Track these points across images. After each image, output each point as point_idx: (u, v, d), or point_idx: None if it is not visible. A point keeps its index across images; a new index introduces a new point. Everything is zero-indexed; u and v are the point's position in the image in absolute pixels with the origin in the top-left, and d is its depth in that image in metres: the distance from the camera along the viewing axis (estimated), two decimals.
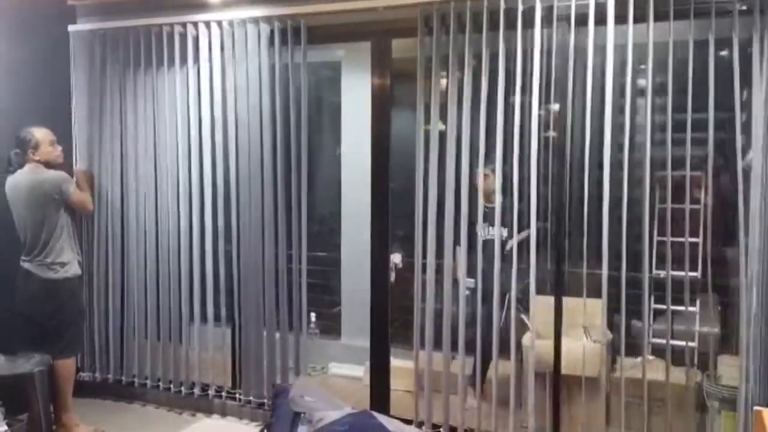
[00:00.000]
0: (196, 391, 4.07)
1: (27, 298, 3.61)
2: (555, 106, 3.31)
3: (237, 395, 3.98)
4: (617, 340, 3.28)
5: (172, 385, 4.11)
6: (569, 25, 3.11)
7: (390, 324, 3.73)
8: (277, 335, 3.87)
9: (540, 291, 3.32)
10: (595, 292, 3.19)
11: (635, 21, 2.99)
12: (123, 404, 4.17)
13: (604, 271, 3.15)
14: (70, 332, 3.72)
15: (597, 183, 3.17)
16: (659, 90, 3.12)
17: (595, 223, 3.17)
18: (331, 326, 5.02)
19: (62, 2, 4.05)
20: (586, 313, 3.28)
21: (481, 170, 3.44)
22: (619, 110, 3.21)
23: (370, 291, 3.71)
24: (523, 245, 3.33)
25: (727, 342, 3.56)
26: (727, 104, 2.93)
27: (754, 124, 2.90)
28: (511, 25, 3.21)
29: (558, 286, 3.33)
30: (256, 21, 3.69)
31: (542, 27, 3.17)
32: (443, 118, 3.42)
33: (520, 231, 3.30)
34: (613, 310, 3.26)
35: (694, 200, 3.06)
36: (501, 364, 3.39)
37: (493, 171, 3.49)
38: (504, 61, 3.22)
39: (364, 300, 3.77)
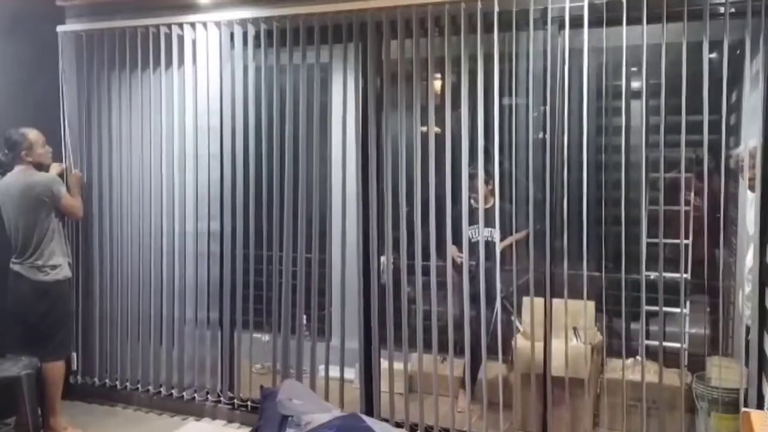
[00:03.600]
0: (185, 394, 4.04)
1: (16, 301, 3.59)
2: (547, 108, 3.29)
3: (226, 398, 3.98)
4: (615, 343, 3.26)
5: (162, 389, 4.08)
6: (563, 27, 3.10)
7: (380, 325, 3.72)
8: (267, 337, 3.84)
9: (531, 292, 3.31)
10: (588, 294, 3.18)
11: (629, 23, 2.98)
12: (112, 408, 4.14)
13: (581, 272, 3.14)
14: (60, 335, 3.69)
15: (589, 184, 3.15)
16: (653, 92, 3.09)
17: (586, 224, 3.15)
18: (320, 328, 4.96)
19: (51, 3, 4.03)
20: (576, 315, 3.27)
21: (480, 175, 3.42)
22: (612, 112, 3.19)
23: (360, 293, 3.69)
24: (516, 247, 3.32)
25: (717, 343, 3.55)
26: (718, 106, 2.91)
27: (743, 124, 2.89)
28: (505, 27, 3.19)
29: (549, 288, 3.31)
30: (243, 23, 3.68)
31: (535, 29, 3.15)
32: (438, 120, 3.40)
33: (513, 233, 3.28)
34: (603, 311, 3.24)
35: (685, 202, 3.03)
36: (496, 365, 3.37)
37: (487, 173, 3.47)
38: (498, 63, 3.21)
39: (353, 301, 3.74)
